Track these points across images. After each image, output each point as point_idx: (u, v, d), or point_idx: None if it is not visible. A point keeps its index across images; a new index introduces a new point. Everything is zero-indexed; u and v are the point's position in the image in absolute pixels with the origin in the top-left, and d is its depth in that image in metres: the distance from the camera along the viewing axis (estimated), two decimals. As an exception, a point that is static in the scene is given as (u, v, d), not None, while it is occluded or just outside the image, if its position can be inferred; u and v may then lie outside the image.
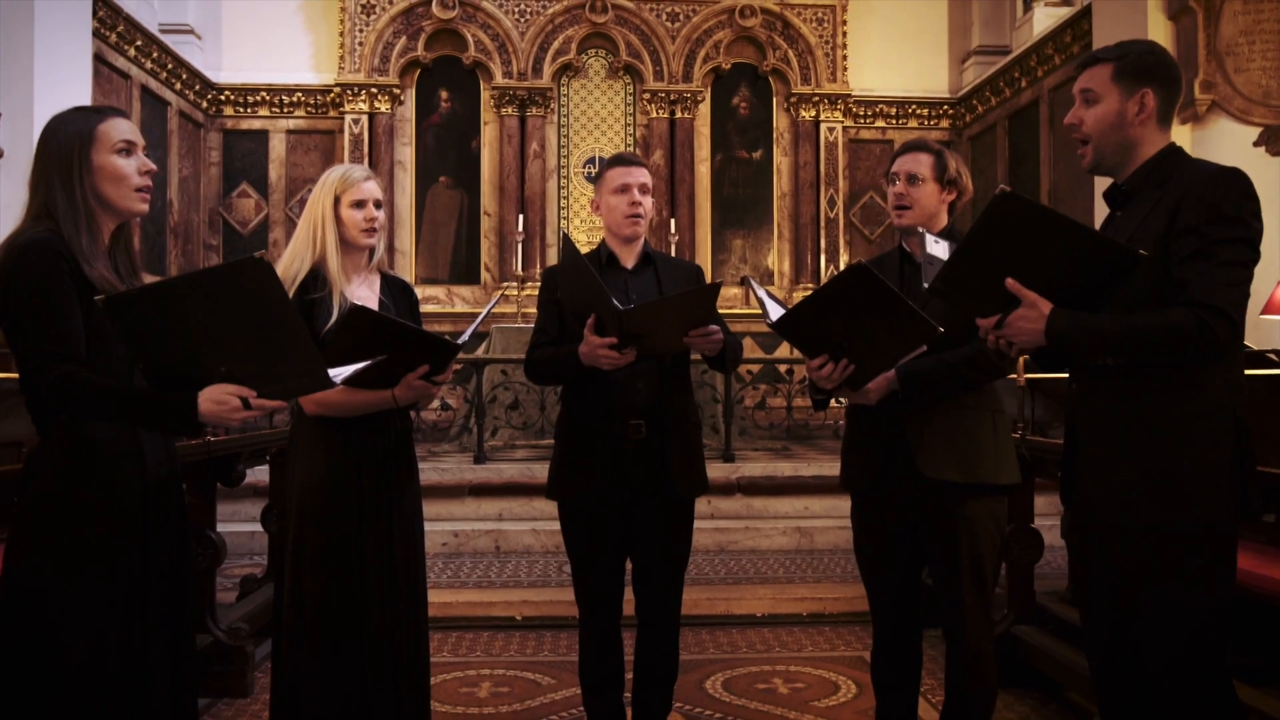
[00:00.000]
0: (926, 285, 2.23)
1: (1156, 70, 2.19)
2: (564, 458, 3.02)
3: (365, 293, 2.87)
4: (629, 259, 3.07)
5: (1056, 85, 8.69)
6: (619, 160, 3.05)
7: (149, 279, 2.20)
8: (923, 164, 2.90)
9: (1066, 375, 2.34)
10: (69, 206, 2.16)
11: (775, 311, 2.62)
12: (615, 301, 2.64)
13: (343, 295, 2.78)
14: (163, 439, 2.32)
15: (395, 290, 2.95)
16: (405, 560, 2.81)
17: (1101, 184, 7.05)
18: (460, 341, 2.70)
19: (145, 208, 2.31)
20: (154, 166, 2.32)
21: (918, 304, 2.52)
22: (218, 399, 2.03)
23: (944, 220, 2.93)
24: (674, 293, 2.92)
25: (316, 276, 2.79)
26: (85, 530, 2.12)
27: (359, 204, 2.82)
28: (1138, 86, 2.18)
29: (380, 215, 2.86)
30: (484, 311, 2.99)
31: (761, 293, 2.72)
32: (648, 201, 3.02)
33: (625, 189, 2.99)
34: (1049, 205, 8.71)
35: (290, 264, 2.81)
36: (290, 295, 2.71)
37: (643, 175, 3.02)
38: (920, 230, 2.63)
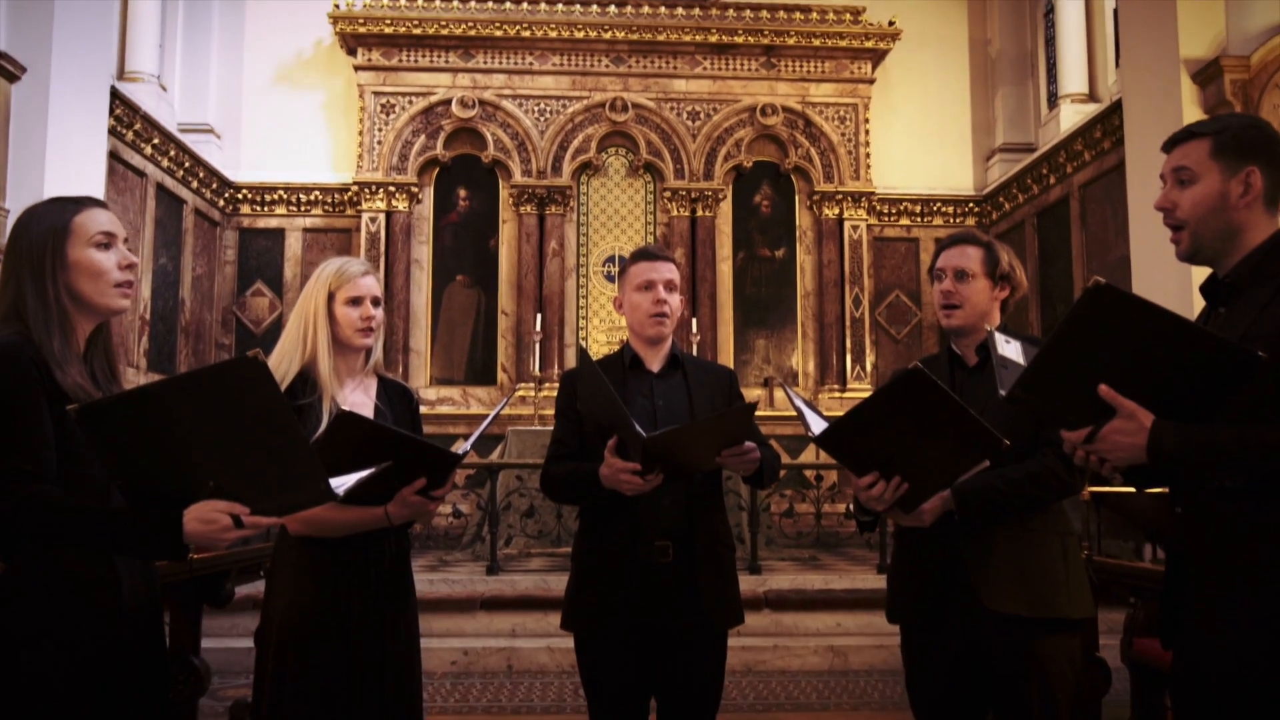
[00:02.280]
0: (1003, 392, 1.92)
1: (1262, 146, 1.91)
2: (582, 584, 2.68)
3: (360, 398, 2.59)
4: (655, 362, 2.78)
5: (1087, 181, 8.50)
6: (643, 255, 2.78)
7: (155, 376, 1.93)
8: (972, 258, 2.64)
9: (1149, 487, 2.01)
10: (40, 306, 1.95)
11: (817, 424, 2.31)
12: (639, 428, 2.34)
13: (334, 401, 2.50)
14: (141, 561, 2.05)
15: (393, 395, 2.66)
16: (399, 696, 2.49)
17: (1146, 279, 6.80)
18: (462, 452, 2.41)
19: (126, 304, 2.07)
20: (135, 259, 2.08)
21: (975, 411, 2.21)
22: (206, 518, 1.79)
23: (997, 319, 2.65)
24: (705, 416, 2.63)
25: (306, 380, 2.51)
26: (49, 673, 1.85)
27: (355, 301, 2.56)
28: (1241, 164, 1.90)
29: (378, 314, 2.59)
30: (490, 415, 2.70)
31: (799, 402, 2.42)
32: (674, 299, 2.74)
33: (650, 285, 2.72)
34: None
35: (278, 365, 2.53)
36: (276, 400, 2.43)
37: (669, 271, 2.75)
38: (988, 329, 2.33)
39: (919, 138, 10.40)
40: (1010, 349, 2.17)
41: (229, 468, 1.77)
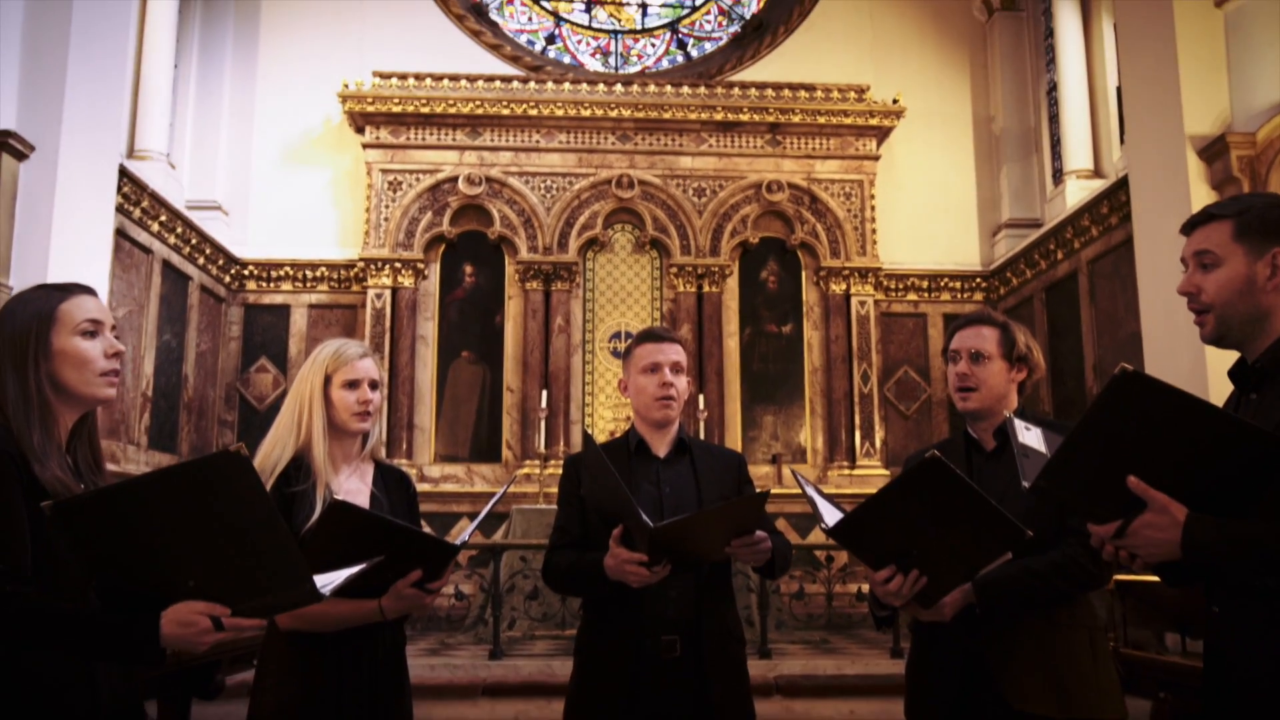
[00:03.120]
0: (1027, 484, 1.83)
1: None
2: (585, 681, 2.56)
3: (355, 485, 2.50)
4: (661, 446, 2.69)
5: (1095, 257, 8.47)
6: (648, 336, 2.71)
7: (156, 454, 1.85)
8: (987, 339, 2.56)
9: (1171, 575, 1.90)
10: (21, 397, 1.89)
11: (831, 515, 2.22)
12: (645, 517, 2.25)
13: (328, 488, 2.41)
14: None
15: (390, 482, 2.57)
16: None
17: (1158, 356, 6.72)
18: (459, 543, 2.31)
19: (112, 393, 2.00)
20: (122, 348, 2.02)
21: (994, 499, 2.12)
22: (184, 620, 1.70)
23: (1014, 402, 2.56)
24: (713, 504, 2.53)
25: (300, 466, 2.43)
26: None
27: (352, 384, 2.48)
28: (1266, 246, 1.83)
29: (376, 397, 2.51)
30: (489, 504, 2.60)
31: (811, 490, 2.32)
32: (681, 382, 2.66)
33: (656, 368, 2.64)
34: (1095, 380, 8.36)
35: (271, 451, 2.45)
36: (268, 487, 2.35)
37: (675, 352, 2.67)
38: (1007, 414, 2.24)
39: (925, 213, 10.42)
40: (1031, 436, 2.08)
41: (209, 567, 1.69)
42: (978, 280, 10.29)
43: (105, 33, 6.83)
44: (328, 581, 1.85)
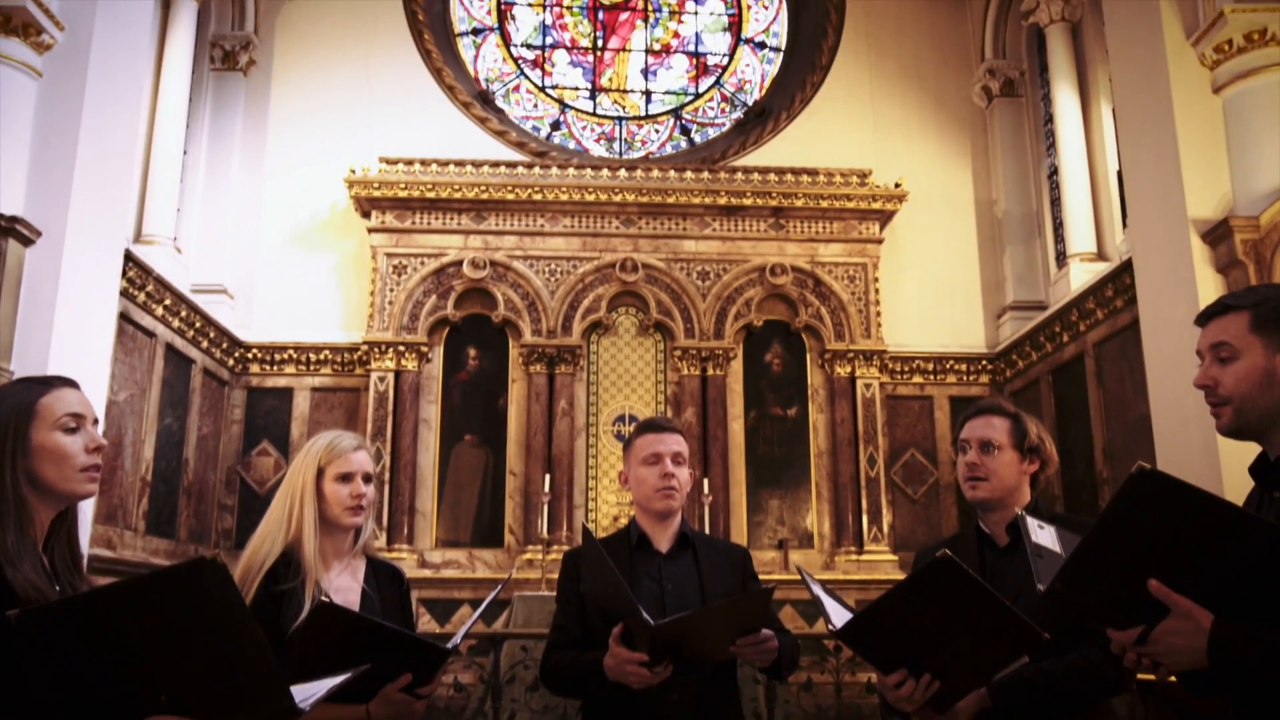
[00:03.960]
0: (1042, 587, 1.75)
1: None
2: (582, 790, 2.45)
3: (347, 582, 2.43)
4: (663, 540, 2.61)
5: (1101, 340, 8.42)
6: (649, 426, 2.65)
7: (153, 540, 1.77)
8: (998, 429, 2.50)
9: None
10: None
11: (838, 615, 2.13)
12: (645, 615, 2.17)
13: (318, 585, 2.33)
14: None
15: (383, 579, 2.49)
16: None
17: (1168, 440, 6.63)
18: (452, 646, 2.23)
19: (93, 489, 1.94)
20: (104, 442, 1.97)
21: (1008, 598, 2.03)
22: None
23: (1026, 495, 2.49)
24: (717, 602, 2.44)
25: (289, 562, 2.35)
26: None
27: (345, 477, 2.42)
28: (1285, 337, 1.78)
29: (370, 491, 2.45)
30: (490, 596, 2.52)
31: (818, 589, 2.24)
32: (682, 473, 2.59)
33: (657, 459, 2.58)
34: (1105, 464, 8.26)
35: (260, 546, 2.38)
36: (256, 584, 2.27)
37: (676, 443, 2.61)
38: (1019, 511, 2.17)
39: (929, 295, 10.42)
40: (1045, 535, 2.00)
41: (184, 680, 1.60)
42: (983, 363, 10.25)
43: (116, 120, 6.90)
44: (309, 694, 1.76)
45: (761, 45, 11.71)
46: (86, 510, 2.00)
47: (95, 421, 1.96)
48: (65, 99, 6.58)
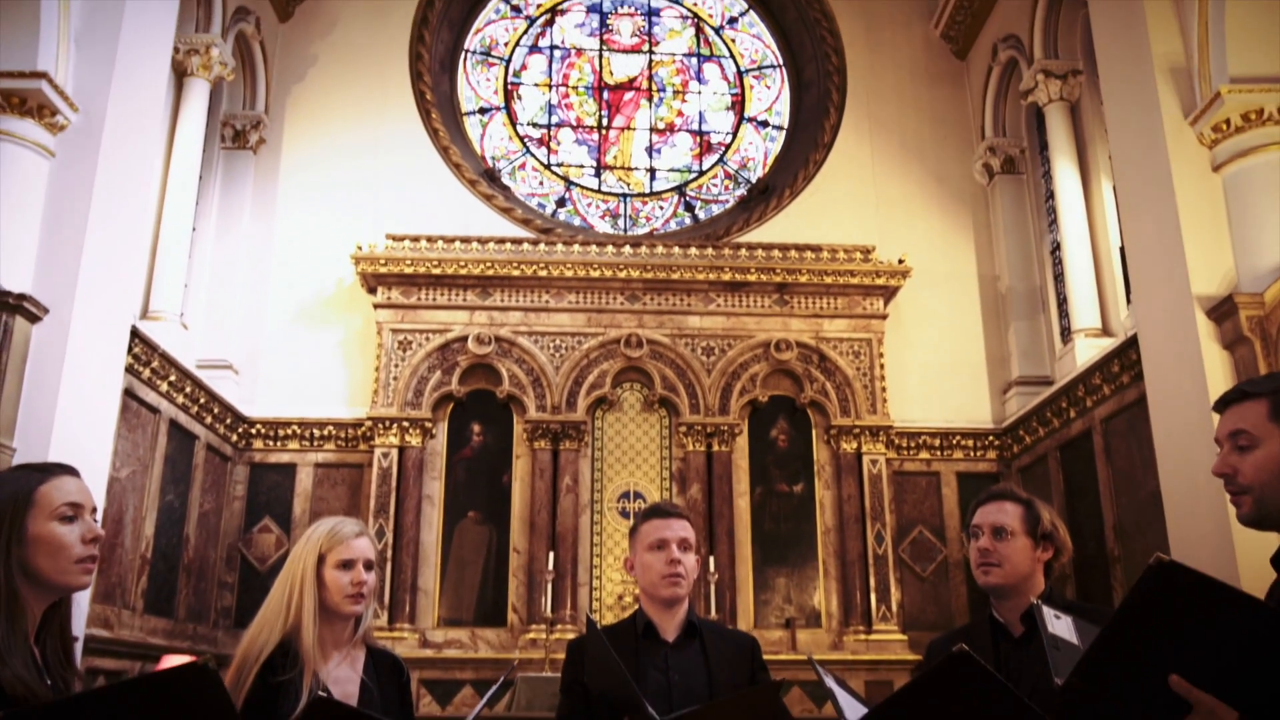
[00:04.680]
0: (1059, 681, 1.70)
1: None
2: None
3: (345, 673, 2.37)
4: (670, 629, 2.55)
5: (1108, 416, 8.38)
6: (655, 511, 2.62)
7: (152, 619, 1.72)
8: (1010, 515, 2.46)
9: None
10: None
11: (853, 710, 2.07)
12: (651, 710, 2.11)
13: (316, 677, 2.28)
14: None
15: (382, 669, 2.44)
16: None
17: (1179, 518, 6.55)
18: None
19: (88, 580, 1.90)
20: (101, 533, 1.93)
21: (1023, 690, 1.97)
22: None
23: (1040, 583, 2.44)
24: (726, 694, 2.38)
25: (287, 651, 2.30)
26: None
27: (346, 565, 2.38)
28: (1305, 426, 1.75)
29: (371, 579, 2.41)
30: (491, 690, 2.45)
31: (832, 681, 2.18)
32: (689, 559, 2.55)
33: (662, 544, 2.54)
34: (1116, 541, 8.15)
35: (257, 635, 2.33)
36: (253, 675, 2.22)
37: (683, 528, 2.57)
38: (1034, 600, 2.12)
39: (935, 371, 10.40)
40: (1061, 626, 1.95)
41: None
42: (990, 438, 10.19)
43: (126, 199, 6.96)
44: None
45: (764, 124, 11.88)
46: (84, 590, 1.96)
47: (94, 510, 1.93)
48: (77, 178, 6.65)
